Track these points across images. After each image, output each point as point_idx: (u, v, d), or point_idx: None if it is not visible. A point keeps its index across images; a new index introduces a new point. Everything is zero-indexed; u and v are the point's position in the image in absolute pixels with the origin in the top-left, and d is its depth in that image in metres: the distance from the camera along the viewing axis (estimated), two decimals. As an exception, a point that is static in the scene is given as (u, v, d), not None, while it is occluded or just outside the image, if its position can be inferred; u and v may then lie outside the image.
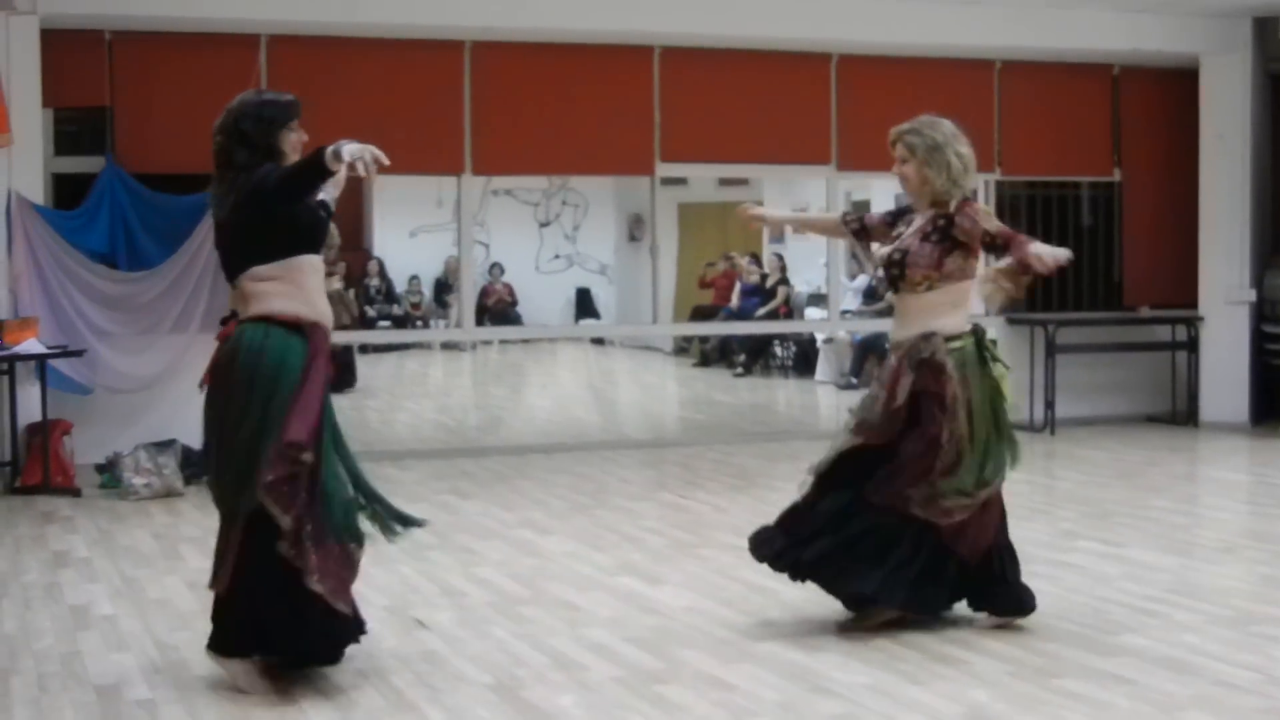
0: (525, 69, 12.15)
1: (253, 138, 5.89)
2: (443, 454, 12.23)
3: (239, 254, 5.91)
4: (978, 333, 6.52)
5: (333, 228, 16.09)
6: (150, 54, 11.33)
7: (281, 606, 5.62)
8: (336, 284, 16.32)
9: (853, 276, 18.55)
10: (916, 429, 6.33)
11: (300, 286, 5.83)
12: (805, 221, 7.24)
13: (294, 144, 5.95)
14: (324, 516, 5.67)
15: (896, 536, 6.32)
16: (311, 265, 5.91)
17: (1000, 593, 6.52)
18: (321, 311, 5.88)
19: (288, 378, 5.68)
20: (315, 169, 5.63)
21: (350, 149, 5.52)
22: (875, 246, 6.73)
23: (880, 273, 6.62)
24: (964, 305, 6.50)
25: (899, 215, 6.80)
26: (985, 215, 6.43)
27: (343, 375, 16.64)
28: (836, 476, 6.44)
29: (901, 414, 6.34)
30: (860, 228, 6.91)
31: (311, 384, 5.71)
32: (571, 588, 7.38)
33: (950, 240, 6.40)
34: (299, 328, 5.77)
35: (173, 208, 11.19)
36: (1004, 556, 6.54)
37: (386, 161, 5.63)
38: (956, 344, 6.38)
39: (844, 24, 12.54)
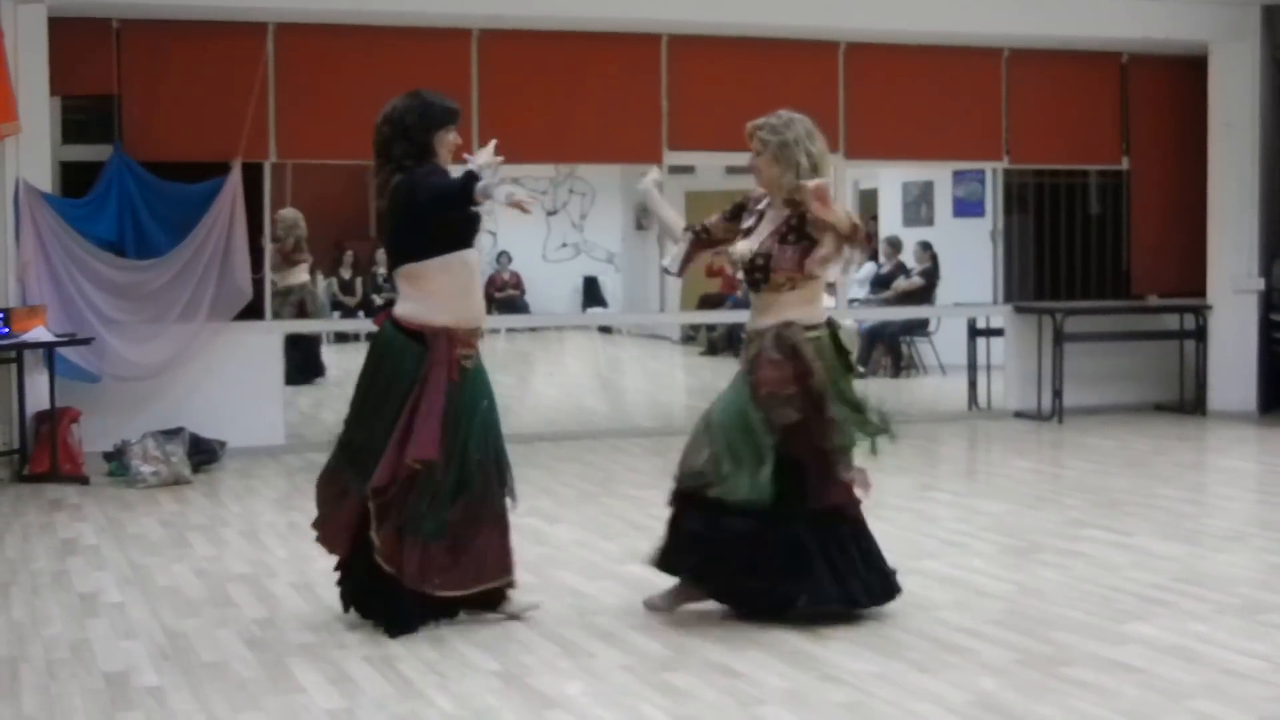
0: (533, 58, 12.14)
1: (413, 133, 6.30)
2: (450, 442, 12.21)
3: (394, 248, 6.39)
4: (832, 325, 6.63)
5: (297, 216, 16.11)
6: (158, 42, 11.33)
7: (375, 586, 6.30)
8: (303, 275, 16.26)
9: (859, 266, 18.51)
10: (808, 426, 6.41)
11: (442, 288, 6.27)
12: (664, 220, 7.06)
13: (449, 145, 6.40)
14: (429, 514, 6.18)
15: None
16: (461, 262, 6.31)
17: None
18: (462, 313, 6.32)
19: (398, 387, 6.21)
20: (463, 198, 6.08)
21: (503, 193, 5.95)
22: (740, 245, 6.63)
23: (740, 274, 6.69)
24: (819, 300, 6.62)
25: (740, 209, 6.82)
26: (820, 199, 6.32)
27: (309, 365, 16.64)
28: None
29: (795, 399, 6.41)
30: (707, 237, 6.90)
31: (432, 394, 6.17)
32: (580, 576, 7.38)
33: (808, 239, 6.44)
34: (421, 335, 6.23)
35: (181, 196, 11.21)
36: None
37: (529, 209, 6.15)
38: (814, 333, 6.49)
39: (852, 12, 12.52)
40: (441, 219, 6.22)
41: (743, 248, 6.59)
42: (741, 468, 6.28)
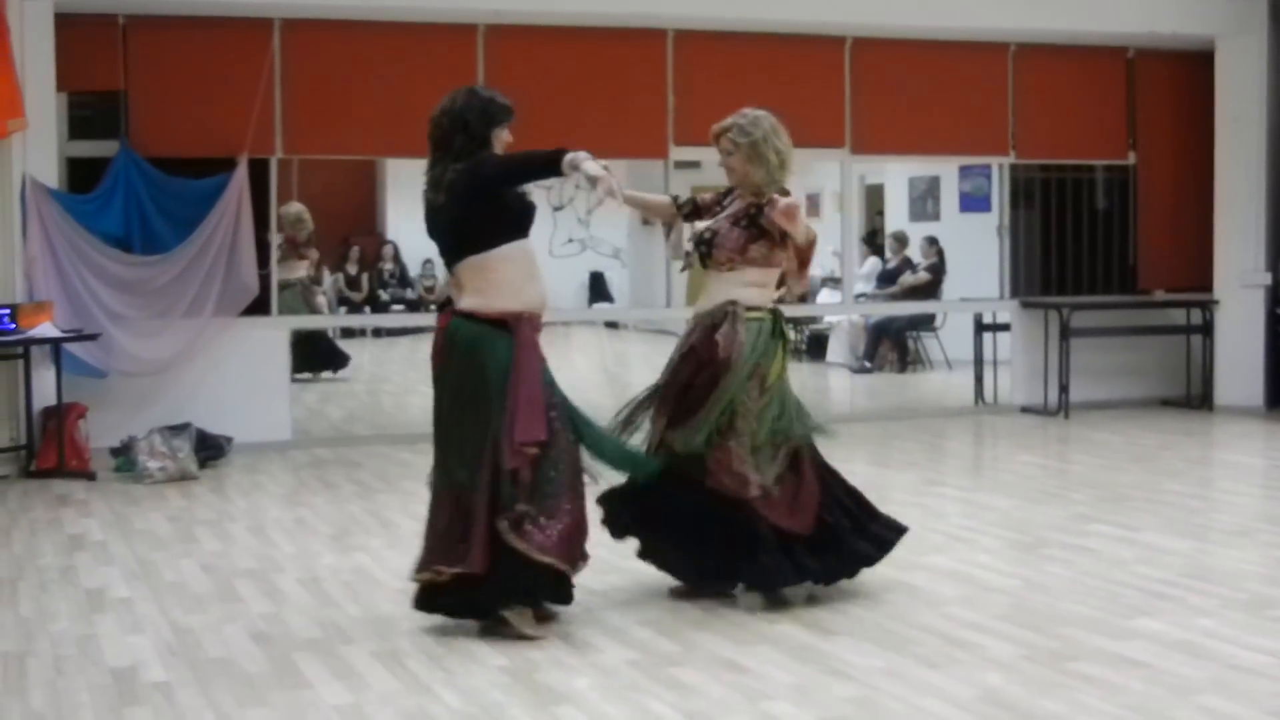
0: (538, 52, 12.13)
1: (474, 128, 6.32)
2: (456, 438, 12.22)
3: (453, 242, 6.35)
4: (775, 313, 6.83)
5: (302, 210, 16.04)
6: (164, 38, 11.33)
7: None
8: (302, 271, 16.25)
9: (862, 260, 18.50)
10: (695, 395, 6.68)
11: (507, 278, 6.26)
12: (643, 202, 7.28)
13: (503, 142, 6.43)
14: (550, 490, 6.19)
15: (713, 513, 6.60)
16: (522, 251, 6.34)
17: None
18: (529, 299, 6.30)
19: (495, 375, 6.17)
20: (547, 166, 6.21)
21: (593, 167, 6.04)
22: (701, 223, 6.97)
23: (690, 247, 6.87)
24: (765, 287, 6.83)
25: (728, 193, 7.04)
26: (788, 216, 6.50)
27: (329, 358, 16.69)
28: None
29: (689, 372, 6.71)
30: (693, 210, 7.12)
31: (528, 377, 6.18)
32: (587, 571, 7.35)
33: (758, 229, 6.70)
34: (504, 322, 6.22)
35: (187, 191, 11.22)
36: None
37: (619, 198, 6.29)
38: (756, 314, 6.72)
39: (858, 7, 12.51)
40: (501, 203, 6.26)
41: (700, 224, 6.88)
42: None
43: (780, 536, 6.53)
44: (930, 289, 17.19)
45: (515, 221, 6.34)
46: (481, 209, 6.22)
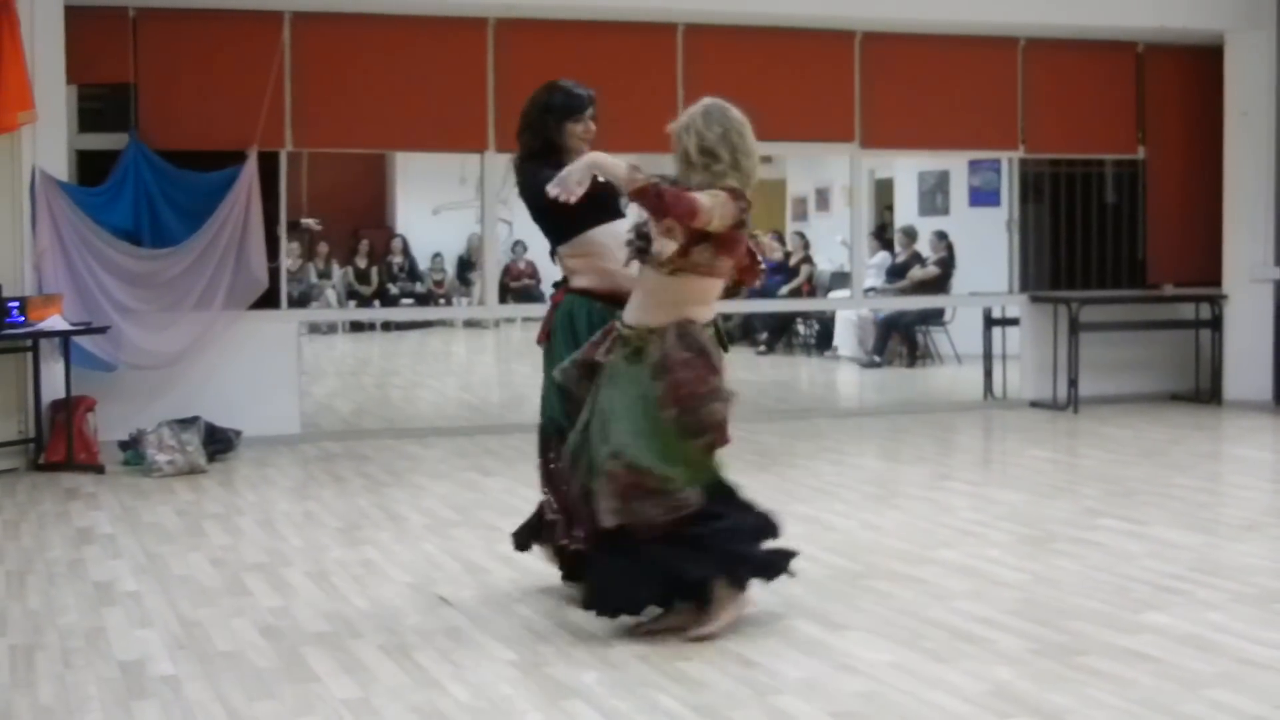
0: (548, 46, 12.11)
1: (536, 126, 6.47)
2: (466, 431, 12.26)
3: (544, 232, 6.50)
4: (717, 325, 6.28)
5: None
6: (174, 31, 11.34)
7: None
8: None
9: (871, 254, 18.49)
10: None
11: (603, 260, 6.37)
12: None
13: (580, 135, 6.54)
14: None
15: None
16: (610, 233, 6.38)
17: None
18: (623, 280, 6.25)
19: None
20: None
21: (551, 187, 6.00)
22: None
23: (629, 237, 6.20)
24: (709, 303, 6.17)
25: None
26: (710, 206, 5.99)
27: None
28: None
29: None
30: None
31: None
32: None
33: (699, 231, 5.97)
34: (617, 300, 6.22)
35: (196, 184, 11.21)
36: None
37: (575, 192, 5.98)
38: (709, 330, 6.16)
39: (868, 2, 12.50)
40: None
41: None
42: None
43: None
44: (939, 283, 17.21)
45: (595, 208, 6.28)
46: (556, 208, 6.10)
